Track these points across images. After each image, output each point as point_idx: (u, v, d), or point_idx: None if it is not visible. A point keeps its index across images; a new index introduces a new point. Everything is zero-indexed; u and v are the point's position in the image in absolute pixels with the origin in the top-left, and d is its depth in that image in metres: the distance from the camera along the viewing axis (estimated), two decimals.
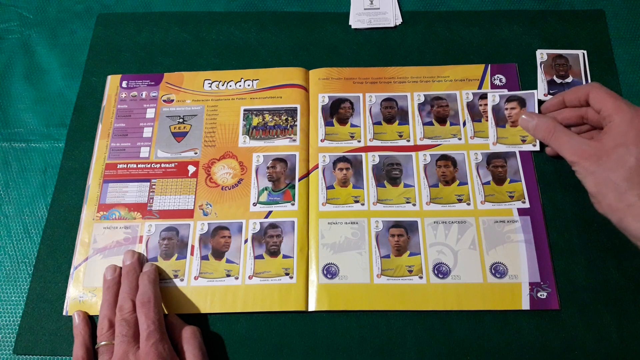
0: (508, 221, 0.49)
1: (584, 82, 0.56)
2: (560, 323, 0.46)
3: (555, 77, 0.57)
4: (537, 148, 0.52)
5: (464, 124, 0.54)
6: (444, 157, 0.52)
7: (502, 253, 0.48)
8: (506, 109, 0.54)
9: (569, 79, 0.56)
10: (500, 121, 0.54)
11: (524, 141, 0.53)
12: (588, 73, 0.57)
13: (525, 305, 0.46)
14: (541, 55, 0.58)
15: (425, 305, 0.47)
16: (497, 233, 0.49)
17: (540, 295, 0.46)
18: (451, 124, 0.54)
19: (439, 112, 0.55)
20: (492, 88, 0.55)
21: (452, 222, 0.49)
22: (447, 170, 0.52)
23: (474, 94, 0.55)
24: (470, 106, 0.55)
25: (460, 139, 0.53)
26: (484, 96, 0.55)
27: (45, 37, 0.62)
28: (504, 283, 0.47)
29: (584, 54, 0.58)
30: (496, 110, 0.54)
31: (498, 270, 0.47)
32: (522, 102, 0.54)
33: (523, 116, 0.51)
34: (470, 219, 0.49)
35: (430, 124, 0.54)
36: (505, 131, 0.53)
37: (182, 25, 0.62)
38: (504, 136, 0.53)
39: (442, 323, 0.47)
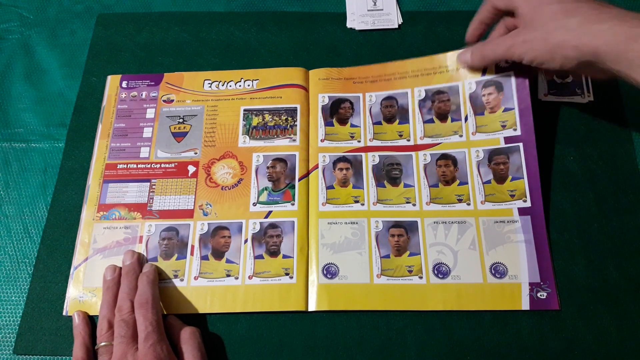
0: (508, 221, 0.49)
1: (583, 82, 0.56)
2: (560, 323, 0.46)
3: (555, 77, 0.57)
4: (519, 132, 0.51)
5: (466, 118, 0.53)
6: (444, 157, 0.52)
7: (502, 253, 0.48)
8: (483, 95, 0.53)
9: (569, 79, 0.56)
10: (478, 109, 0.53)
11: (504, 127, 0.52)
12: None
13: (525, 305, 0.46)
14: None
15: (425, 305, 0.46)
16: (497, 233, 0.49)
17: (540, 295, 0.46)
18: (452, 120, 0.53)
19: (440, 107, 0.54)
20: (496, 71, 0.53)
21: (452, 222, 0.49)
22: (447, 170, 0.52)
23: (477, 82, 0.53)
24: (473, 98, 0.53)
25: (461, 135, 0.53)
26: (487, 84, 0.53)
27: (46, 37, 0.62)
28: (504, 283, 0.47)
29: None
30: (473, 98, 0.53)
31: (498, 271, 0.47)
32: (499, 86, 0.53)
33: (459, 55, 0.54)
34: (470, 219, 0.49)
35: (431, 121, 0.54)
36: (485, 119, 0.52)
37: (182, 25, 0.62)
38: (484, 124, 0.52)
39: (442, 323, 0.47)
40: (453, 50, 0.55)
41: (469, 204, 0.50)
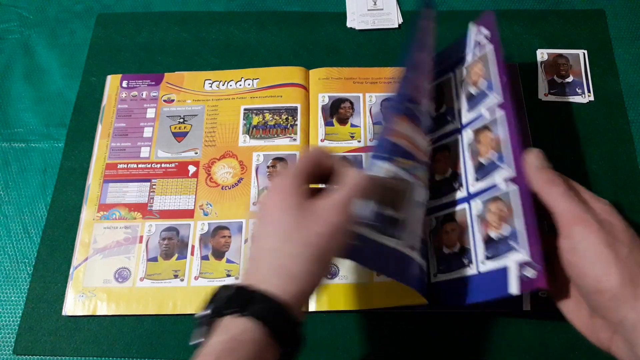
0: None
1: (584, 82, 0.56)
2: (560, 323, 0.46)
3: (555, 77, 0.57)
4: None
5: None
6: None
7: None
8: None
9: (570, 79, 0.56)
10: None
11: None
12: (589, 73, 0.57)
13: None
14: (542, 54, 0.58)
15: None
16: None
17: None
18: None
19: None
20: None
21: None
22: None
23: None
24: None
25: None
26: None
27: (45, 37, 0.62)
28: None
29: (584, 53, 0.58)
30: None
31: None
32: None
33: (535, 152, 0.38)
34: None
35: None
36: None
37: (182, 25, 0.62)
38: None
39: (443, 323, 0.46)
40: None
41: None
